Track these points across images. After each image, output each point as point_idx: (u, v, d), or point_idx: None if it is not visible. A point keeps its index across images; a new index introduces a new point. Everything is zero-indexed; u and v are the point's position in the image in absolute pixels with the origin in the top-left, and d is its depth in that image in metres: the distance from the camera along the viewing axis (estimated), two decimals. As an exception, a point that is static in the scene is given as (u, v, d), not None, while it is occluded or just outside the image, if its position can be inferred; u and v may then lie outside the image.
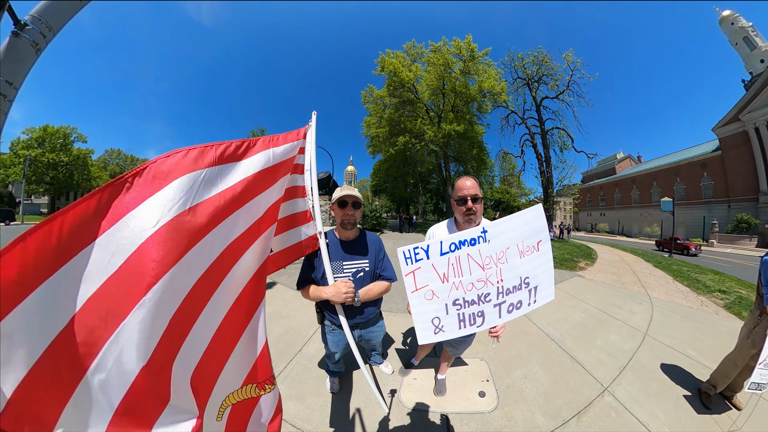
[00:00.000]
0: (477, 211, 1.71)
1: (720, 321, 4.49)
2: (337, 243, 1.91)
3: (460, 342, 2.21)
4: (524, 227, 1.51)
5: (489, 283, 1.48)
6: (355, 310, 1.89)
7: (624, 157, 64.08)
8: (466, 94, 21.48)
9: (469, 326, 1.50)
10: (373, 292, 1.84)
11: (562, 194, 26.40)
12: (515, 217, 1.52)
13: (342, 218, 1.84)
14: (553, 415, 2.35)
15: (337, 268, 1.84)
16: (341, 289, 1.65)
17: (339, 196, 1.80)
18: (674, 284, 6.94)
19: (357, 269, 1.89)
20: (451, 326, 1.49)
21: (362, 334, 2.08)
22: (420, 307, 1.49)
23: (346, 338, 1.71)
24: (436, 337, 1.50)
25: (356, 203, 1.83)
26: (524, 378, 2.80)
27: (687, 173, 42.49)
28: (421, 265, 1.47)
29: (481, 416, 2.33)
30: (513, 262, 1.49)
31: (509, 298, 1.50)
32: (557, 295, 5.77)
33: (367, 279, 1.91)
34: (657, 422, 2.29)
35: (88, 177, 46.52)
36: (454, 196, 1.77)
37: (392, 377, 2.77)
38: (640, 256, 12.13)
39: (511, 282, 1.49)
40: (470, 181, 1.74)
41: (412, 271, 1.47)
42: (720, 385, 2.47)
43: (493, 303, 1.49)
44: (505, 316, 1.50)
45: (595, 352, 3.33)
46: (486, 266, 1.48)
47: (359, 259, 1.91)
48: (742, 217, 31.90)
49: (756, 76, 37.09)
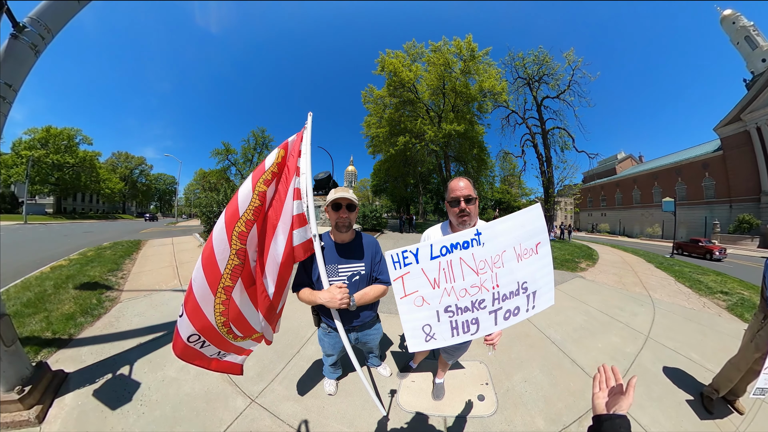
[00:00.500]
0: (471, 212, 1.62)
1: (723, 323, 4.45)
2: (332, 246, 1.88)
3: (455, 348, 2.16)
4: (521, 229, 1.41)
5: (484, 289, 1.40)
6: (351, 313, 1.88)
7: (625, 157, 63.90)
8: (467, 94, 21.45)
9: (463, 334, 1.43)
10: (368, 296, 1.82)
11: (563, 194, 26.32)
12: (512, 217, 1.42)
13: (336, 221, 1.81)
14: (553, 419, 2.33)
15: (333, 271, 1.82)
16: (336, 295, 1.64)
17: (332, 198, 1.76)
18: (676, 285, 6.88)
19: (353, 273, 1.86)
20: (443, 334, 1.42)
21: (359, 337, 2.08)
22: (409, 314, 1.42)
23: (341, 342, 1.72)
24: (427, 345, 1.44)
25: (350, 206, 1.79)
26: (524, 381, 2.78)
27: (688, 173, 42.35)
28: (410, 269, 1.40)
29: (480, 420, 2.31)
30: (510, 267, 1.40)
31: (506, 305, 1.42)
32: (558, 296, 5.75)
33: (363, 282, 1.88)
34: (659, 427, 2.26)
35: (97, 179, 46.99)
36: (447, 197, 1.69)
37: (390, 379, 2.76)
38: (641, 257, 12.09)
39: (508, 287, 1.41)
40: (463, 181, 1.65)
41: (400, 276, 1.40)
42: (723, 389, 2.44)
43: (489, 310, 1.41)
44: (502, 323, 1.42)
45: (597, 354, 3.30)
46: (480, 271, 1.39)
47: (355, 262, 1.88)
48: (744, 218, 31.79)
49: (757, 75, 36.97)
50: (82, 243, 11.18)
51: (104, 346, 3.10)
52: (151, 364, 2.82)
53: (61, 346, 3.05)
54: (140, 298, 4.55)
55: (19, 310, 3.73)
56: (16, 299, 4.11)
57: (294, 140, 1.85)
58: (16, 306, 3.86)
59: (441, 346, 1.46)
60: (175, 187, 79.66)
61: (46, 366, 2.44)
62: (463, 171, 26.35)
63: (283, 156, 1.76)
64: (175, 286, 5.24)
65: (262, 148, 40.55)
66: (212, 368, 1.68)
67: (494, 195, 42.56)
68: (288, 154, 1.79)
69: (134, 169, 73.61)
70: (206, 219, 7.96)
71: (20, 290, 4.55)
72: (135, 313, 3.96)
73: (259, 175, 1.67)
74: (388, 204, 48.54)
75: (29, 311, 3.73)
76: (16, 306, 3.86)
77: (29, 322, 3.45)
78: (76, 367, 2.70)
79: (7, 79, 2.04)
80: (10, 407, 2.06)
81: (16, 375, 2.14)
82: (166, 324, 3.65)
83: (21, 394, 2.08)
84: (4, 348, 2.07)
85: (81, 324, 3.52)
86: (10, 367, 2.10)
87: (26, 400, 2.10)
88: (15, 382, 2.11)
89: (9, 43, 2.06)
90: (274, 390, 2.54)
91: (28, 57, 2.15)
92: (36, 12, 2.18)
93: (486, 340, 1.52)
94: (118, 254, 7.51)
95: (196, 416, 2.21)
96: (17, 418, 2.06)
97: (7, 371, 2.09)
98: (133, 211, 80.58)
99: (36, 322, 3.46)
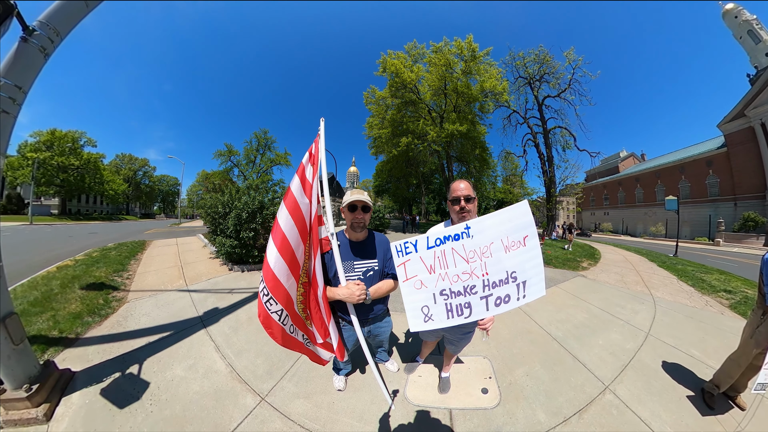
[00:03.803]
0: (470, 210, 1.83)
1: (725, 321, 4.45)
2: (347, 244, 2.01)
3: (459, 339, 2.26)
4: (509, 223, 1.55)
5: (474, 276, 1.56)
6: (365, 307, 2.01)
7: (627, 156, 63.54)
8: (468, 94, 21.48)
9: (457, 317, 1.58)
10: (381, 290, 1.96)
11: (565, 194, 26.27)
12: (500, 213, 1.57)
13: (352, 221, 1.93)
14: (554, 412, 2.36)
15: (348, 267, 1.95)
16: (354, 291, 1.78)
17: (349, 200, 1.88)
18: (679, 284, 6.85)
19: (367, 268, 1.99)
20: (439, 315, 1.60)
21: (371, 330, 2.18)
22: (410, 295, 1.63)
23: (355, 334, 1.89)
24: (426, 326, 1.62)
25: (365, 207, 1.92)
26: (526, 376, 2.82)
27: (692, 171, 41.99)
28: (410, 257, 1.63)
29: (483, 412, 2.35)
30: (498, 257, 1.55)
31: (496, 292, 1.55)
32: (559, 295, 5.76)
33: (376, 278, 2.01)
34: (659, 421, 2.28)
35: (101, 180, 47.51)
36: (449, 197, 1.91)
37: (398, 375, 2.80)
38: (644, 256, 12.03)
39: (497, 275, 1.55)
40: (464, 183, 1.87)
41: (403, 263, 1.64)
42: (723, 384, 2.45)
43: (480, 295, 1.56)
44: (493, 309, 1.55)
45: (597, 350, 3.33)
46: (470, 260, 1.57)
47: (369, 259, 2.01)
48: (749, 216, 31.45)
49: (761, 70, 36.56)
50: (87, 244, 11.30)
51: (111, 345, 3.14)
52: (160, 363, 2.84)
53: (68, 345, 3.10)
54: (146, 298, 4.61)
55: (26, 309, 3.80)
56: (23, 298, 4.18)
57: (315, 150, 2.02)
58: (23, 305, 3.93)
59: (438, 327, 1.62)
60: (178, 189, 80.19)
61: (53, 365, 2.48)
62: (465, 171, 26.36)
63: (312, 172, 1.95)
64: (181, 286, 5.30)
65: (265, 149, 40.65)
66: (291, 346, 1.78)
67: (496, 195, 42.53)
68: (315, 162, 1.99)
69: (138, 171, 74.23)
70: (211, 220, 8.01)
71: (27, 289, 4.62)
72: (142, 312, 4.01)
73: (310, 189, 1.90)
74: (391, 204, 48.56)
75: (36, 310, 3.79)
76: (23, 305, 3.93)
77: (36, 320, 3.51)
78: (83, 366, 2.74)
79: (17, 81, 2.09)
80: (18, 405, 2.11)
81: (24, 373, 2.17)
82: (173, 324, 3.69)
83: (29, 392, 2.12)
84: (12, 346, 2.10)
85: (88, 323, 3.57)
86: (18, 365, 2.14)
87: (34, 398, 2.14)
88: (23, 380, 2.15)
89: (19, 46, 2.11)
90: (284, 387, 2.57)
91: (37, 60, 2.20)
92: (45, 15, 2.22)
93: (479, 324, 1.75)
94: (123, 255, 7.59)
95: (206, 415, 2.22)
96: (25, 415, 2.09)
97: (16, 369, 2.12)
98: (137, 212, 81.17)
99: (43, 321, 3.52)
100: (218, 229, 7.41)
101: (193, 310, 4.13)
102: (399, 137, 22.37)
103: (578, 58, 20.91)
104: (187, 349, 3.11)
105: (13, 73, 2.07)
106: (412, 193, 39.16)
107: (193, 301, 4.52)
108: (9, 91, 2.03)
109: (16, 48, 2.11)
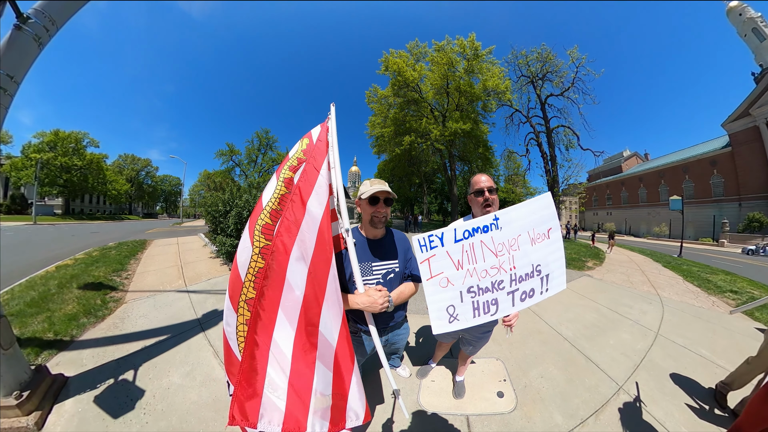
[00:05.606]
0: (494, 202, 1.78)
1: (732, 321, 4.40)
2: (364, 242, 1.73)
3: (477, 339, 2.15)
4: (534, 215, 1.51)
5: (502, 270, 1.48)
6: (386, 315, 1.74)
7: (631, 155, 63.16)
8: (471, 93, 21.36)
9: (484, 314, 1.48)
10: (404, 295, 1.71)
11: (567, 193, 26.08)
12: (525, 205, 1.52)
13: (372, 215, 1.66)
14: (571, 414, 2.30)
15: (366, 269, 1.67)
16: (377, 299, 1.47)
17: (371, 192, 1.60)
18: (684, 284, 6.79)
19: (387, 270, 1.72)
20: (465, 314, 1.48)
21: (389, 338, 1.91)
22: (435, 295, 1.48)
23: (372, 343, 1.60)
24: (450, 326, 1.47)
25: (388, 200, 1.66)
26: (540, 377, 2.75)
27: (696, 171, 41.68)
28: (436, 252, 1.47)
29: (501, 417, 2.27)
30: (525, 249, 1.49)
31: (522, 286, 1.50)
32: (567, 294, 5.67)
33: (396, 280, 1.75)
34: (673, 421, 2.23)
35: (104, 180, 47.79)
36: (470, 190, 1.85)
37: (410, 380, 2.70)
38: (648, 256, 11.92)
39: (524, 269, 1.50)
40: (485, 176, 1.84)
41: (427, 259, 1.47)
42: (737, 386, 2.40)
43: (507, 290, 1.49)
44: (518, 304, 1.49)
45: (609, 351, 3.28)
46: (499, 253, 1.48)
47: (389, 260, 1.74)
48: (754, 216, 31.17)
49: (766, 68, 36.21)
50: (89, 243, 11.26)
51: (107, 349, 3.04)
52: (156, 369, 2.73)
53: (62, 348, 3.01)
54: (144, 299, 4.52)
55: (22, 310, 3.72)
56: (20, 299, 4.11)
57: (319, 131, 1.70)
58: (19, 305, 3.85)
59: (463, 327, 1.49)
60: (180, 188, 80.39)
61: (45, 370, 2.38)
62: (468, 170, 26.24)
63: (308, 143, 1.64)
64: (180, 286, 5.22)
65: (266, 149, 40.70)
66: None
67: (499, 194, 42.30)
68: (315, 141, 1.65)
69: (140, 171, 74.58)
70: (212, 218, 7.94)
71: (24, 289, 4.55)
72: (140, 314, 3.92)
73: (284, 164, 1.56)
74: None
75: (32, 311, 3.71)
76: (19, 305, 3.85)
77: (31, 322, 3.43)
78: (76, 371, 2.64)
79: (9, 70, 2.00)
80: (8, 413, 2.01)
81: (15, 379, 2.08)
82: (170, 327, 3.59)
83: (19, 399, 2.01)
84: (2, 351, 2.01)
85: (84, 325, 3.48)
86: (8, 372, 2.04)
87: (24, 405, 2.03)
88: (13, 387, 2.05)
89: (12, 33, 2.02)
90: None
91: (31, 49, 2.11)
92: (41, 3, 2.14)
93: (504, 321, 1.65)
94: (123, 254, 7.53)
95: (205, 427, 2.10)
96: (15, 424, 1.99)
97: (5, 376, 2.02)
98: (140, 212, 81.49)
99: (38, 322, 3.44)
100: (219, 228, 7.34)
101: (192, 312, 4.04)
102: (402, 136, 22.26)
103: (582, 57, 20.73)
104: (184, 355, 2.99)
105: (5, 61, 1.98)
106: (414, 192, 39.03)
107: (192, 302, 4.43)
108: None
109: (9, 36, 2.02)
